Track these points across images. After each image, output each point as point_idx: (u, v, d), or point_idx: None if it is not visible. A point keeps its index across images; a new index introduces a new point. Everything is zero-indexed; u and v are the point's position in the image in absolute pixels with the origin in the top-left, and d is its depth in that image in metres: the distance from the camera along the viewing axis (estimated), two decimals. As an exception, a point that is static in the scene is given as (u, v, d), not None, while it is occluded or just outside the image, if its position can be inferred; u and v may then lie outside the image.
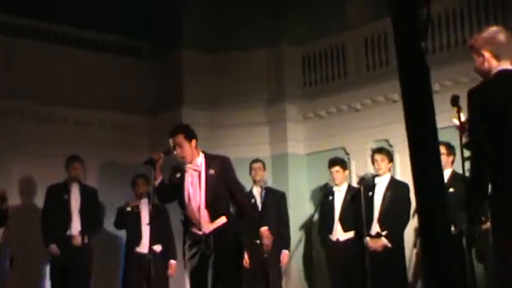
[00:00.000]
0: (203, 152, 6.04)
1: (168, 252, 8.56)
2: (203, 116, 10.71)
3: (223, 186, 5.91)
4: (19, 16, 10.46)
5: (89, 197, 8.56)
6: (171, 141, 5.92)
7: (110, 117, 10.87)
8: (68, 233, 8.29)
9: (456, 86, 8.79)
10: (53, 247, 8.20)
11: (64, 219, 8.30)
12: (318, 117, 10.81)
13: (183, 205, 5.95)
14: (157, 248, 8.28)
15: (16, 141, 9.87)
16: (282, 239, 8.57)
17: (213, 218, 5.84)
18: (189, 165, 5.93)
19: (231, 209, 6.10)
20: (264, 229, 5.90)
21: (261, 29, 11.20)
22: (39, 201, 9.13)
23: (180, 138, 5.88)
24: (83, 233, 8.30)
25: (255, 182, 8.76)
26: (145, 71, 11.52)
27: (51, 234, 8.26)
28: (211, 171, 5.89)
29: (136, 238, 8.41)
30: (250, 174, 8.75)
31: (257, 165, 8.83)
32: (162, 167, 5.95)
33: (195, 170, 5.91)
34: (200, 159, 5.95)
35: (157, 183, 5.92)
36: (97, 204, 8.70)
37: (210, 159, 5.98)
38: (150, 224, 6.30)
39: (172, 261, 8.60)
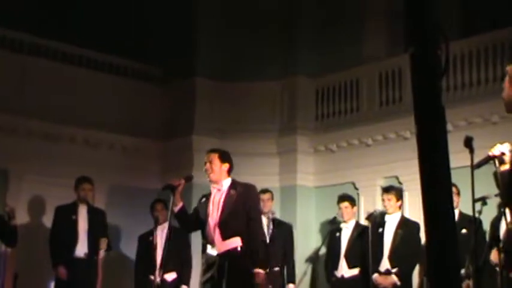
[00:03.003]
0: (232, 178, 6.10)
1: (182, 278, 8.49)
2: (213, 143, 10.63)
3: (241, 209, 5.91)
4: (36, 35, 10.55)
5: (97, 218, 8.51)
6: (205, 157, 6.04)
7: (120, 140, 10.90)
8: (74, 254, 8.25)
9: (469, 127, 8.80)
10: (61, 269, 8.13)
11: (71, 240, 8.27)
12: (328, 150, 10.79)
13: (204, 229, 5.97)
14: (170, 276, 8.25)
15: (26, 160, 9.88)
16: (289, 273, 8.56)
17: (225, 236, 5.82)
18: (214, 185, 6.01)
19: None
20: (259, 272, 5.80)
21: (275, 59, 11.24)
22: (47, 220, 9.12)
23: (214, 156, 6.01)
24: (92, 252, 8.26)
25: (262, 212, 8.74)
26: (158, 96, 11.57)
27: (59, 255, 8.22)
28: (233, 191, 5.95)
29: (149, 265, 8.28)
30: None
31: (266, 196, 8.82)
32: (182, 193, 5.93)
33: (219, 190, 5.97)
34: (226, 182, 6.02)
35: (177, 209, 5.92)
36: (105, 226, 8.62)
37: (236, 183, 6.06)
38: (164, 250, 6.23)
39: (184, 287, 8.54)
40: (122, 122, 10.86)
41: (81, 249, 8.28)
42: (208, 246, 5.92)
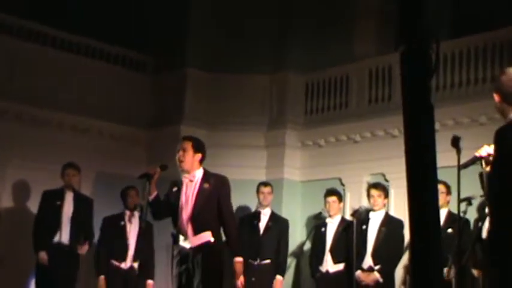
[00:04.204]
0: (204, 168, 6.05)
1: (146, 271, 8.37)
2: (201, 134, 10.61)
3: (214, 202, 5.89)
4: (28, 19, 10.49)
5: (83, 206, 8.46)
6: (178, 145, 5.98)
7: (108, 127, 10.88)
8: (56, 239, 8.21)
9: (457, 126, 8.84)
10: (42, 254, 8.10)
11: (54, 225, 8.23)
12: (316, 145, 10.81)
13: (176, 219, 5.94)
14: (136, 264, 8.23)
15: (12, 144, 9.82)
16: (279, 265, 8.61)
17: (197, 230, 5.80)
18: (186, 175, 5.95)
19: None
20: (238, 261, 5.83)
21: (266, 54, 11.24)
22: (32, 205, 9.08)
23: (188, 145, 5.94)
24: (75, 241, 8.23)
25: (261, 205, 8.81)
26: (148, 85, 11.56)
27: (42, 240, 8.18)
28: (206, 185, 5.90)
29: (121, 252, 8.24)
30: (257, 196, 8.85)
31: (266, 189, 8.89)
32: (157, 182, 5.95)
33: (191, 181, 5.92)
34: (199, 173, 5.97)
35: (151, 197, 5.92)
36: (91, 214, 8.56)
37: (208, 175, 6.00)
38: (138, 238, 6.25)
39: (150, 281, 8.43)
40: (111, 109, 10.85)
41: (64, 235, 8.24)
42: (181, 238, 5.88)
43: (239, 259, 5.95)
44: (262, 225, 8.72)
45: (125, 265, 8.20)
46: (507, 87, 3.86)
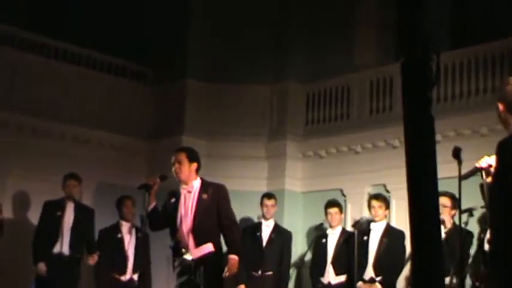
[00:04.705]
0: (201, 178, 6.04)
1: (144, 282, 8.34)
2: (202, 145, 10.67)
3: (214, 212, 5.89)
4: (29, 31, 10.51)
5: (84, 216, 8.42)
6: (173, 158, 5.97)
7: (109, 137, 10.87)
8: (56, 250, 8.18)
9: (458, 137, 8.83)
10: (41, 265, 8.06)
11: (54, 236, 8.20)
12: (317, 156, 10.80)
13: (174, 231, 5.92)
14: (135, 276, 8.20)
15: (13, 155, 9.81)
16: (281, 277, 8.58)
17: (199, 242, 5.80)
18: (184, 186, 5.95)
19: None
20: (234, 258, 5.79)
21: (267, 64, 11.24)
22: (32, 216, 9.06)
23: (182, 156, 5.95)
24: (76, 251, 8.19)
25: (264, 217, 8.80)
26: (149, 96, 11.57)
27: (41, 251, 8.14)
28: (205, 196, 5.91)
29: (120, 265, 8.22)
30: (261, 208, 8.86)
31: (270, 202, 8.87)
32: (156, 192, 5.95)
33: (189, 192, 5.92)
34: (196, 183, 5.97)
35: (150, 208, 5.92)
36: (92, 224, 8.50)
37: (205, 185, 6.00)
38: (136, 250, 6.24)
39: None
40: (112, 120, 10.85)
41: (65, 246, 8.21)
42: (182, 250, 5.86)
43: (234, 256, 5.87)
44: (265, 236, 8.70)
45: (125, 278, 8.18)
46: None
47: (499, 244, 3.52)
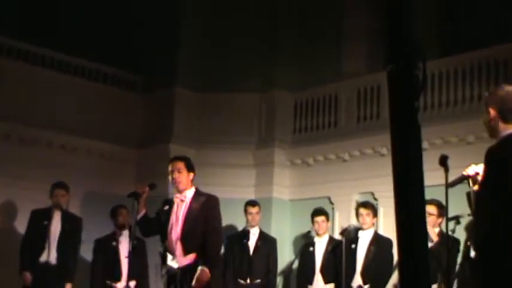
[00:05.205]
0: (196, 188, 6.07)
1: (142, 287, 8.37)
2: (190, 153, 10.59)
3: (202, 222, 5.90)
4: (19, 39, 10.48)
5: (71, 225, 8.35)
6: (170, 166, 6.00)
7: (98, 145, 10.85)
8: (43, 259, 8.11)
9: (445, 145, 8.87)
10: (26, 275, 7.99)
11: (41, 245, 8.14)
12: (305, 164, 10.82)
13: (164, 237, 5.93)
14: (132, 283, 8.17)
15: (0, 162, 9.77)
16: (269, 285, 8.57)
17: (186, 251, 5.83)
18: (177, 195, 6.00)
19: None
20: (204, 270, 5.71)
21: (255, 72, 11.28)
22: (19, 225, 9.00)
23: (181, 165, 6.00)
24: (62, 259, 8.15)
25: (249, 224, 8.78)
26: (137, 104, 11.57)
27: (27, 260, 8.08)
28: (195, 205, 5.94)
29: (115, 273, 8.21)
30: (246, 216, 8.84)
31: (254, 209, 8.86)
32: (146, 200, 5.98)
33: (182, 201, 5.96)
34: (190, 193, 6.01)
35: (139, 216, 5.94)
36: (79, 233, 8.46)
37: (198, 195, 6.04)
38: (129, 257, 6.26)
39: None
40: (100, 128, 10.83)
41: (52, 255, 8.15)
42: (169, 257, 5.88)
43: (205, 268, 5.75)
44: (251, 244, 8.69)
45: (121, 285, 8.13)
46: (506, 104, 3.68)
47: (483, 251, 3.51)
